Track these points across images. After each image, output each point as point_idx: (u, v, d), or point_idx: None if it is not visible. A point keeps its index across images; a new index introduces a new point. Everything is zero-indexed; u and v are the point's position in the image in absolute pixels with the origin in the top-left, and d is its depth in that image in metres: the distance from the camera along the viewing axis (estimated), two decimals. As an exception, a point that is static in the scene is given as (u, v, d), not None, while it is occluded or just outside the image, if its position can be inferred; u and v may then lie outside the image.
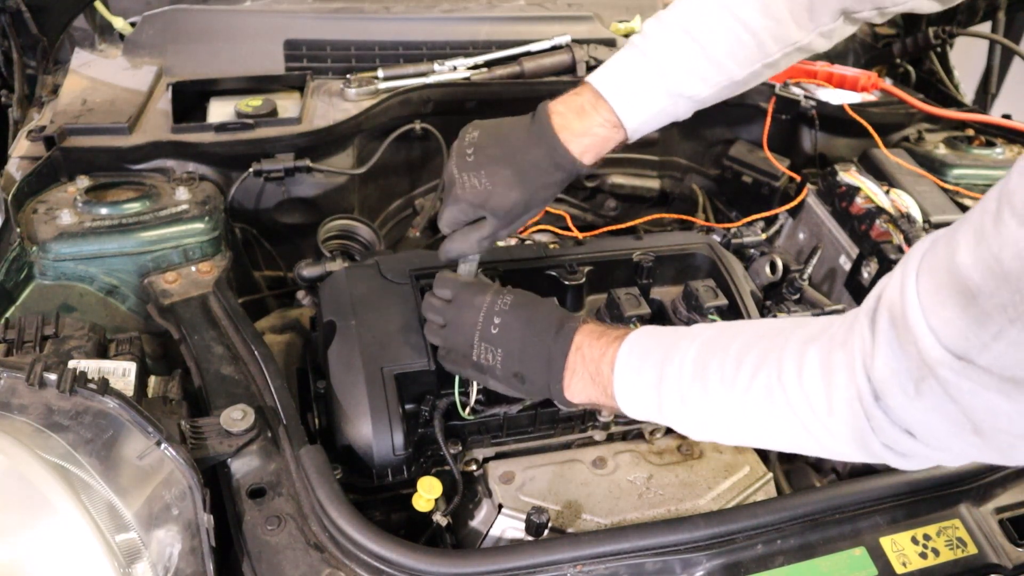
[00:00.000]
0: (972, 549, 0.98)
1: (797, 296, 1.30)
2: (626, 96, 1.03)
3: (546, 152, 1.01)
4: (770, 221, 1.58)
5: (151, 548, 0.81)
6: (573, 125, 1.02)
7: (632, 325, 1.14)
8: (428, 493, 1.00)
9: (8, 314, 1.16)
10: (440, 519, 1.02)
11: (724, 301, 1.19)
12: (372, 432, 1.02)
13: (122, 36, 1.65)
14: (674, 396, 0.85)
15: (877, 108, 1.69)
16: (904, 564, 0.95)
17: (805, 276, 1.34)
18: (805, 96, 1.67)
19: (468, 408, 1.08)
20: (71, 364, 0.94)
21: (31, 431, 0.82)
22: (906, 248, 1.30)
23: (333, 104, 1.53)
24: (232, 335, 1.12)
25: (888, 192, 1.39)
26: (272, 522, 0.89)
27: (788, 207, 1.56)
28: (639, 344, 0.90)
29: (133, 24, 1.64)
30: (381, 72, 1.59)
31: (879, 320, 0.67)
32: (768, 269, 1.38)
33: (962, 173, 1.56)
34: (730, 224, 1.48)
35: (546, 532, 0.98)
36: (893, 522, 0.98)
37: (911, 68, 1.99)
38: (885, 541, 0.96)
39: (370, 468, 1.05)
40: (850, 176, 1.45)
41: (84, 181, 1.32)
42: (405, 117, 1.57)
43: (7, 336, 1.01)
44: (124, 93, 1.50)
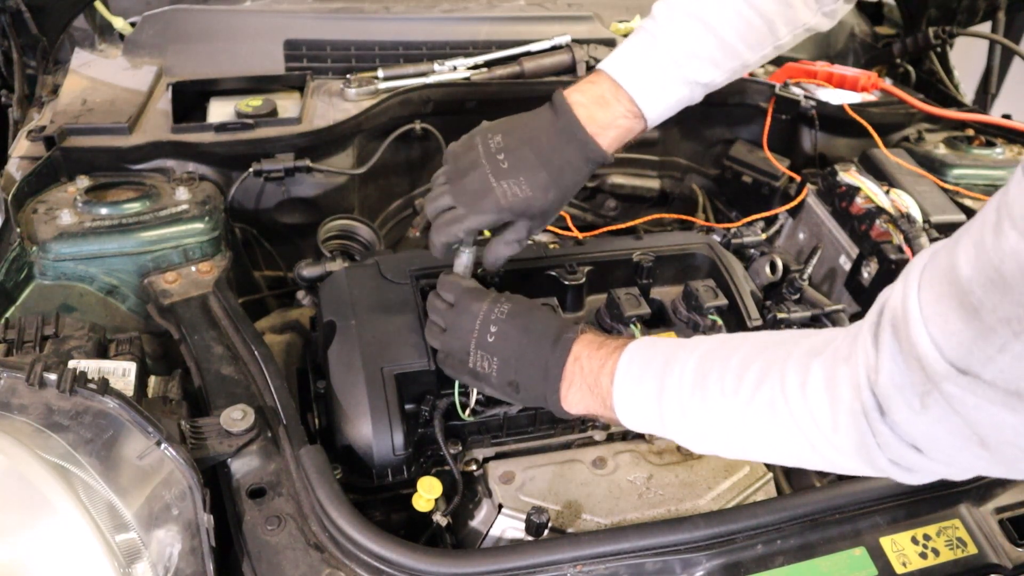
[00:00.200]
0: (972, 549, 0.97)
1: (797, 296, 1.30)
2: (645, 86, 1.02)
3: (578, 149, 1.01)
4: (770, 221, 1.58)
5: (151, 548, 0.81)
6: (598, 117, 1.01)
7: (632, 325, 1.15)
8: (428, 493, 1.00)
9: (8, 314, 1.16)
10: (440, 519, 1.02)
11: (724, 301, 1.19)
12: (372, 432, 1.02)
13: (122, 36, 1.65)
14: (675, 408, 0.84)
15: (877, 108, 1.69)
16: (904, 564, 0.94)
17: (805, 276, 1.34)
18: (805, 96, 1.67)
19: (468, 409, 1.08)
20: (71, 364, 0.94)
21: (31, 431, 0.82)
22: (906, 248, 1.30)
23: (333, 104, 1.53)
24: (232, 335, 1.12)
25: (888, 192, 1.39)
26: (272, 522, 0.89)
27: (788, 207, 1.56)
28: (639, 355, 0.89)
29: (133, 24, 1.64)
30: (381, 72, 1.59)
31: (882, 334, 0.66)
32: (768, 269, 1.38)
33: (962, 173, 1.56)
34: (730, 224, 1.48)
35: (546, 532, 0.98)
36: (893, 522, 0.98)
37: (911, 68, 1.99)
38: (885, 541, 0.96)
39: (370, 468, 1.05)
40: (850, 176, 1.45)
41: (84, 181, 1.32)
42: (405, 117, 1.57)
43: (7, 336, 1.01)
44: (124, 93, 1.50)
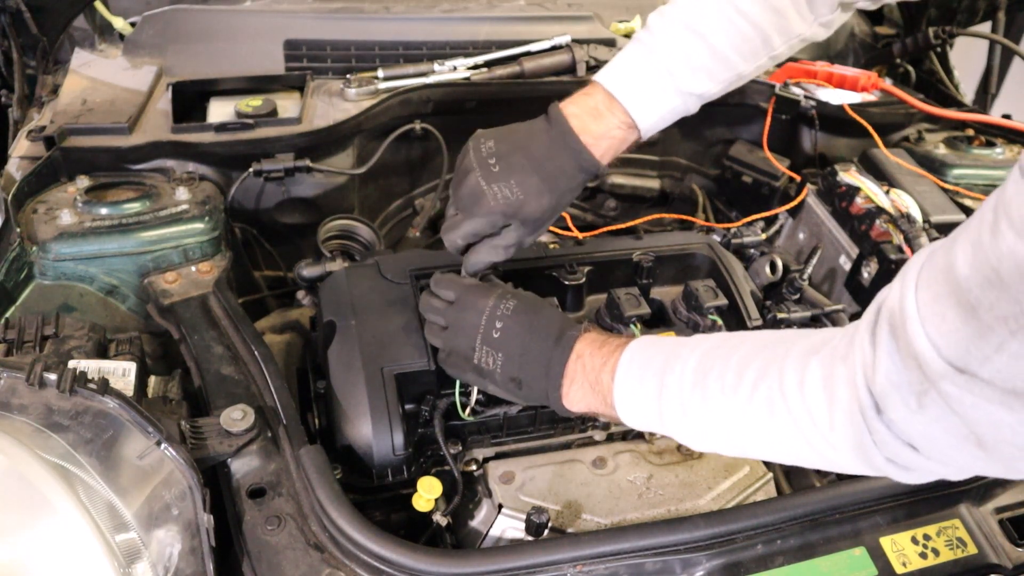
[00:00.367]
0: (972, 549, 0.97)
1: (797, 296, 1.30)
2: (639, 97, 1.03)
3: (571, 157, 1.02)
4: (770, 221, 1.58)
5: (151, 548, 0.81)
6: (592, 128, 1.03)
7: (632, 325, 1.15)
8: (428, 493, 1.00)
9: (8, 314, 1.16)
10: (440, 519, 1.02)
11: (724, 301, 1.19)
12: (372, 432, 1.02)
13: (122, 36, 1.65)
14: (675, 406, 0.84)
15: (877, 108, 1.69)
16: (904, 564, 0.94)
17: (805, 276, 1.34)
18: (805, 96, 1.67)
19: (468, 409, 1.08)
20: (71, 364, 0.94)
21: (31, 431, 0.82)
22: (906, 248, 1.30)
23: (333, 104, 1.53)
24: (232, 335, 1.12)
25: (888, 192, 1.39)
26: (272, 522, 0.89)
27: (788, 207, 1.56)
28: (640, 353, 0.89)
29: (133, 24, 1.64)
30: (381, 72, 1.59)
31: (879, 333, 0.67)
32: (768, 269, 1.38)
33: (962, 173, 1.56)
34: (730, 224, 1.48)
35: (546, 532, 0.98)
36: (893, 522, 0.98)
37: (911, 68, 1.99)
38: (885, 541, 0.96)
39: (370, 468, 1.05)
40: (850, 176, 1.45)
41: (84, 181, 1.32)
42: (405, 117, 1.57)
43: (7, 336, 1.01)
44: (124, 93, 1.50)
